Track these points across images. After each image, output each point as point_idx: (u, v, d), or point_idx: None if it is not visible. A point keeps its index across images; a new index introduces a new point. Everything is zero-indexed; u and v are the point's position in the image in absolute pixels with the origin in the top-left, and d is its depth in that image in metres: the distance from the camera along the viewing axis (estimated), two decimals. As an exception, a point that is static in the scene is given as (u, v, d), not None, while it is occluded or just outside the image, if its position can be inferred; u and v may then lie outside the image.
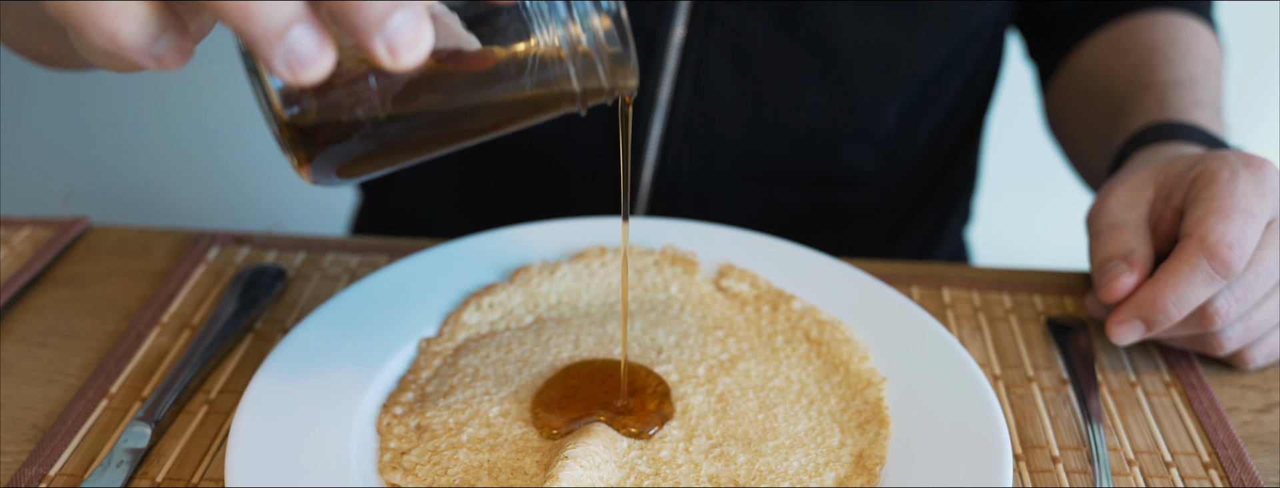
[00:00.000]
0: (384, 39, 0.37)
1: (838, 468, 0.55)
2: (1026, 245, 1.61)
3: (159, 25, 0.39)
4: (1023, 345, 0.66)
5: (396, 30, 0.37)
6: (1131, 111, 0.77)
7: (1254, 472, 0.57)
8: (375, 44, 0.38)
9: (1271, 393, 0.63)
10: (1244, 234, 0.58)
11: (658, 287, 0.67)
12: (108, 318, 0.69)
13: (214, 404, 0.62)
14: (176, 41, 0.40)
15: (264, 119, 0.44)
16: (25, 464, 0.57)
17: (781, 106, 0.83)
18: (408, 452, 0.56)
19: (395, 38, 0.37)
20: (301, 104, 0.42)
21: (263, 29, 0.37)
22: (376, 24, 0.37)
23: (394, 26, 0.37)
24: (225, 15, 0.37)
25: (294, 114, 0.42)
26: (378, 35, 0.37)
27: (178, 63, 0.40)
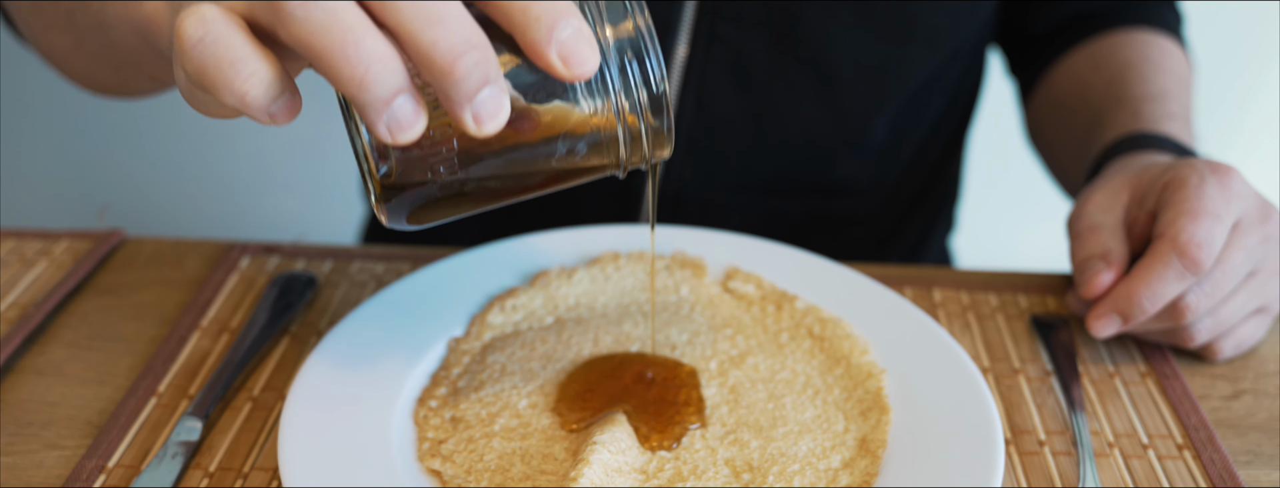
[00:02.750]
0: (472, 110, 0.43)
1: (843, 451, 0.60)
2: (1006, 252, 1.67)
3: (280, 88, 0.44)
4: (1009, 341, 0.71)
5: (483, 103, 0.43)
6: (1107, 123, 0.83)
7: (1224, 452, 0.62)
8: (464, 114, 0.43)
9: (1240, 382, 0.68)
10: (1212, 234, 0.63)
11: (669, 289, 0.72)
12: (149, 323, 0.73)
13: (258, 401, 0.66)
14: (290, 101, 0.45)
15: (357, 163, 0.50)
16: (84, 458, 0.61)
17: (779, 121, 0.88)
18: (444, 441, 0.60)
19: (481, 109, 0.43)
20: (390, 158, 0.48)
21: (372, 98, 0.42)
22: (468, 97, 0.43)
23: (481, 99, 0.43)
24: (342, 84, 0.42)
25: (383, 168, 0.48)
26: (468, 107, 0.43)
27: (288, 119, 0.46)
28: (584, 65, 0.44)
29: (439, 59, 0.42)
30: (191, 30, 0.44)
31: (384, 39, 0.43)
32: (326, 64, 0.42)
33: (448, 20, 0.42)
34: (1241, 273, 0.65)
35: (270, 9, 0.43)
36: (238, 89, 0.44)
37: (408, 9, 0.42)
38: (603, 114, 0.49)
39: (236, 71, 0.43)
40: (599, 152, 0.50)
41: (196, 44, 0.44)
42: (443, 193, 0.50)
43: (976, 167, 1.20)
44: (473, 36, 0.42)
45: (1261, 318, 0.69)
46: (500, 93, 0.44)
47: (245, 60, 0.44)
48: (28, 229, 0.82)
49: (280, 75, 0.44)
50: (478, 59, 0.42)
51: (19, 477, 0.60)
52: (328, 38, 0.42)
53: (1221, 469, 0.60)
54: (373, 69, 0.42)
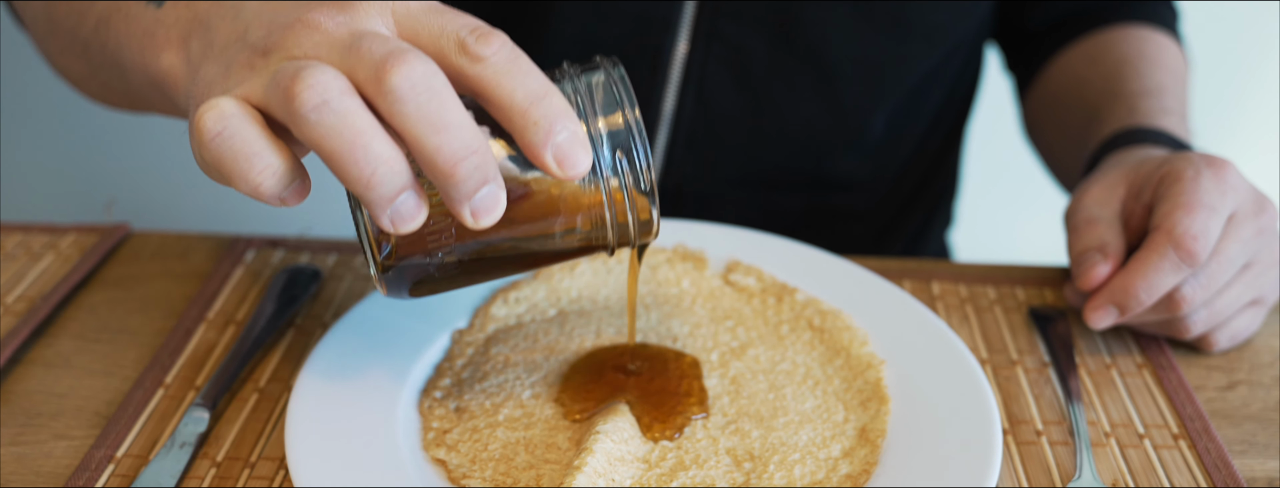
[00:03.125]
0: (470, 207, 0.46)
1: (843, 440, 0.60)
2: (1004, 247, 1.68)
3: (291, 177, 0.48)
4: (1007, 332, 0.72)
5: (480, 200, 0.46)
6: (1104, 118, 0.83)
7: (1219, 442, 0.62)
8: (463, 210, 0.47)
9: (1235, 373, 0.69)
10: (1207, 227, 0.64)
11: (670, 281, 0.73)
12: (155, 316, 0.73)
13: (264, 392, 0.66)
14: (300, 186, 0.48)
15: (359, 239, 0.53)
16: (93, 448, 0.62)
17: (778, 117, 0.89)
18: (449, 431, 0.61)
19: (479, 206, 0.46)
20: (391, 243, 0.51)
21: (378, 197, 0.46)
22: (467, 197, 0.46)
23: (479, 198, 0.46)
24: (349, 183, 0.46)
25: (386, 247, 0.52)
26: (466, 204, 0.46)
27: (298, 202, 0.49)
28: (577, 168, 0.47)
29: (442, 163, 0.45)
30: (211, 125, 0.46)
31: (390, 141, 0.45)
32: (335, 164, 0.45)
33: (451, 127, 0.45)
34: (1237, 265, 0.66)
35: (285, 108, 0.45)
36: (252, 182, 0.47)
37: (414, 116, 0.45)
38: (592, 204, 0.52)
39: (251, 166, 0.46)
40: (589, 236, 0.54)
41: (214, 138, 0.46)
42: (440, 273, 0.53)
43: (974, 162, 1.21)
44: (472, 142, 0.45)
45: (1257, 310, 0.70)
46: (497, 190, 0.47)
47: (260, 155, 0.46)
48: (34, 223, 0.83)
49: (292, 166, 0.47)
50: (477, 163, 0.45)
51: (28, 467, 0.61)
52: (338, 141, 0.45)
53: (1216, 459, 0.61)
54: (379, 171, 0.45)
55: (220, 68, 0.51)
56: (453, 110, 0.45)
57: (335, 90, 0.45)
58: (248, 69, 0.49)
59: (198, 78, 0.53)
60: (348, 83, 0.45)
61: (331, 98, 0.44)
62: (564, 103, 0.47)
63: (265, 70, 0.48)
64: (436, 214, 0.50)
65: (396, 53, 0.45)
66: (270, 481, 0.60)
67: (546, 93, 0.47)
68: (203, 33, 0.54)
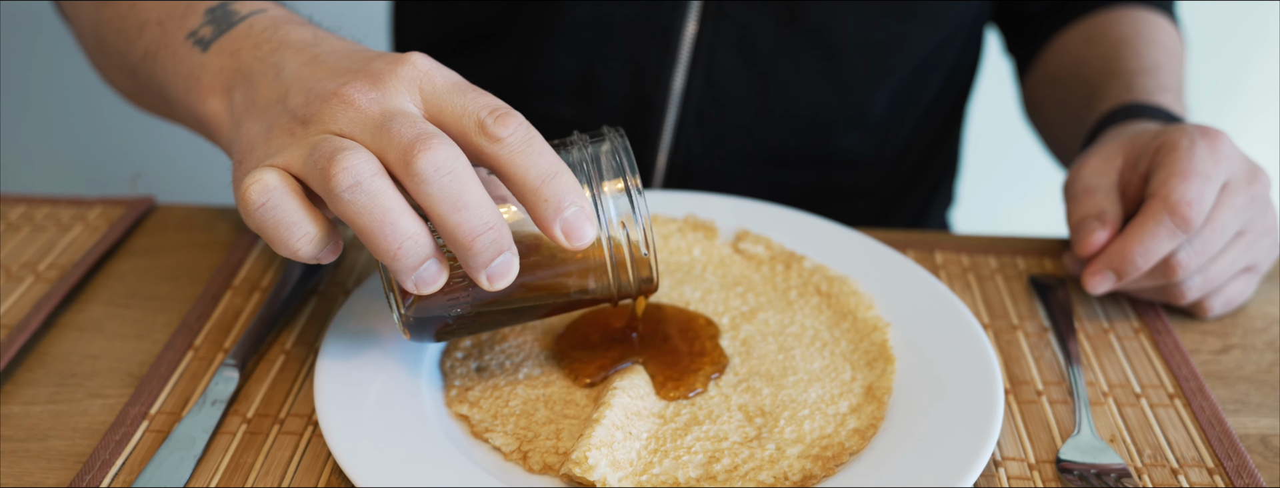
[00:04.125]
0: (486, 273, 0.52)
1: (851, 398, 0.63)
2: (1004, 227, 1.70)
3: (325, 240, 0.53)
4: (1008, 300, 0.74)
5: (496, 267, 0.52)
6: (1102, 96, 0.86)
7: (1213, 400, 0.65)
8: (480, 277, 0.52)
9: (1229, 337, 0.71)
10: (1201, 194, 0.66)
11: (682, 250, 0.75)
12: (183, 283, 0.76)
13: (290, 354, 0.69)
14: (334, 247, 0.54)
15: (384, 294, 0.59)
16: (128, 404, 0.64)
17: (784, 95, 0.91)
18: (471, 389, 0.63)
19: (494, 272, 0.52)
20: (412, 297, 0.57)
21: (404, 266, 0.52)
22: (484, 266, 0.52)
23: (495, 266, 0.52)
24: (378, 254, 0.51)
25: (408, 303, 0.57)
26: (484, 271, 0.52)
27: (331, 260, 0.55)
28: (583, 240, 0.52)
29: (461, 238, 0.51)
30: (255, 197, 0.52)
31: (415, 218, 0.51)
32: (365, 238, 0.51)
33: (470, 206, 0.50)
34: (1230, 232, 0.68)
35: (322, 185, 0.51)
36: (291, 247, 0.53)
37: (438, 197, 0.50)
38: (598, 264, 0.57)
39: (291, 234, 0.52)
40: (595, 291, 0.59)
41: (258, 209, 0.52)
42: (458, 323, 0.59)
43: (975, 144, 1.23)
44: (489, 218, 0.51)
45: (1250, 277, 0.72)
46: (511, 258, 0.52)
47: (298, 224, 0.52)
48: (62, 196, 0.85)
49: (326, 231, 0.53)
50: (492, 237, 0.51)
51: (65, 423, 0.63)
52: (368, 218, 0.50)
53: (1211, 416, 0.64)
54: (405, 245, 0.51)
55: (262, 127, 0.56)
56: (471, 191, 0.50)
57: (367, 173, 0.50)
58: (288, 135, 0.54)
59: (241, 132, 0.58)
60: (378, 165, 0.50)
61: (363, 179, 0.50)
62: (572, 180, 0.52)
63: (304, 140, 0.53)
64: (456, 276, 0.55)
65: (422, 138, 0.50)
66: (299, 435, 0.62)
67: (556, 172, 0.52)
68: (246, 87, 0.60)
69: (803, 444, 0.59)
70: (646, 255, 0.58)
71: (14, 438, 0.62)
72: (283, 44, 0.60)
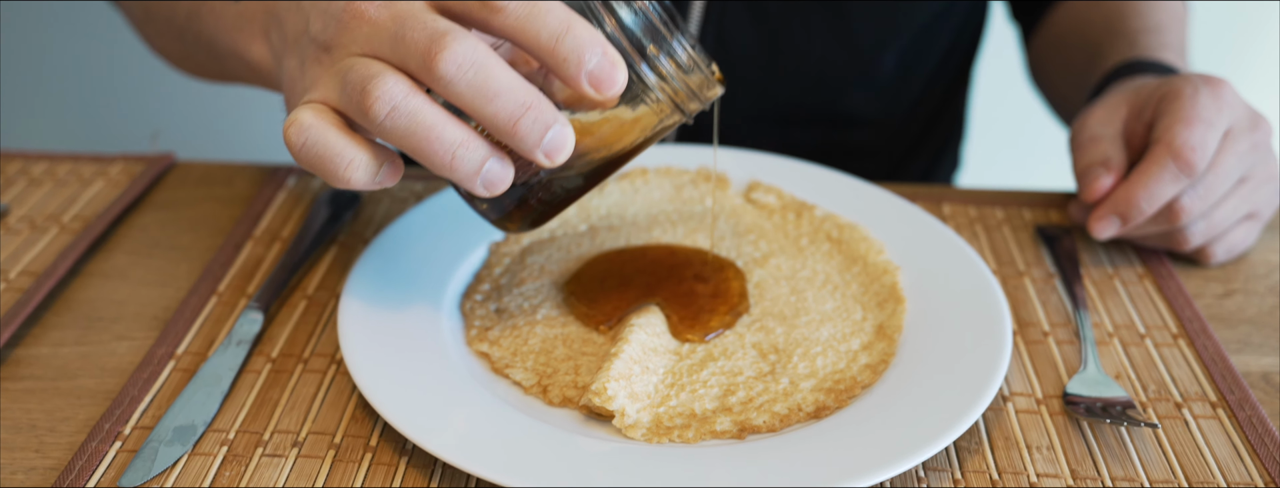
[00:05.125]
0: (542, 151, 0.51)
1: (862, 336, 0.64)
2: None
3: (378, 163, 0.53)
4: (1015, 248, 0.76)
5: (549, 143, 0.51)
6: (1106, 54, 0.87)
7: (1216, 340, 0.66)
8: (537, 157, 0.51)
9: (1231, 282, 0.73)
10: (1205, 139, 0.67)
11: (695, 200, 0.77)
12: (204, 234, 0.77)
13: (312, 299, 0.70)
14: (391, 168, 0.54)
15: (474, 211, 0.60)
16: (155, 346, 0.66)
17: (794, 54, 0.93)
18: (491, 328, 0.65)
19: (549, 148, 0.51)
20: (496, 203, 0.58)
21: (464, 175, 0.51)
22: (535, 145, 0.51)
23: (547, 141, 0.51)
24: (435, 169, 0.51)
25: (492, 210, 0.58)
26: (538, 150, 0.51)
27: (394, 182, 0.55)
28: (614, 86, 0.51)
29: (503, 126, 0.50)
30: (294, 138, 0.52)
31: (459, 124, 0.51)
32: (418, 156, 0.51)
33: (501, 93, 0.50)
34: (1233, 177, 0.69)
35: (362, 117, 0.51)
36: (342, 177, 0.53)
37: (467, 93, 0.50)
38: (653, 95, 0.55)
39: (337, 164, 0.52)
40: (662, 121, 0.57)
41: (301, 148, 0.52)
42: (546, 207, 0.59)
43: (981, 111, 1.24)
44: (524, 98, 0.50)
45: (1252, 224, 0.73)
46: (561, 129, 0.51)
47: (342, 153, 0.52)
48: (83, 153, 0.86)
49: (375, 155, 0.53)
50: (534, 117, 0.50)
51: (94, 363, 0.65)
52: (414, 138, 0.50)
53: (1213, 355, 0.65)
54: (458, 154, 0.51)
55: (297, 62, 0.58)
56: (498, 77, 0.50)
57: (400, 95, 0.50)
58: (318, 65, 0.55)
59: (283, 70, 0.60)
60: (408, 83, 0.50)
61: (398, 102, 0.50)
62: (585, 31, 0.50)
63: (333, 70, 0.53)
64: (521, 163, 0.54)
65: (435, 38, 0.49)
66: (323, 374, 0.64)
67: (567, 27, 0.50)
68: (277, 26, 0.61)
69: (816, 379, 0.61)
70: (690, 63, 0.55)
71: (44, 377, 0.64)
72: None
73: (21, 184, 0.82)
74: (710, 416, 0.58)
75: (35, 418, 0.61)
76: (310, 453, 0.58)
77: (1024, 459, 0.58)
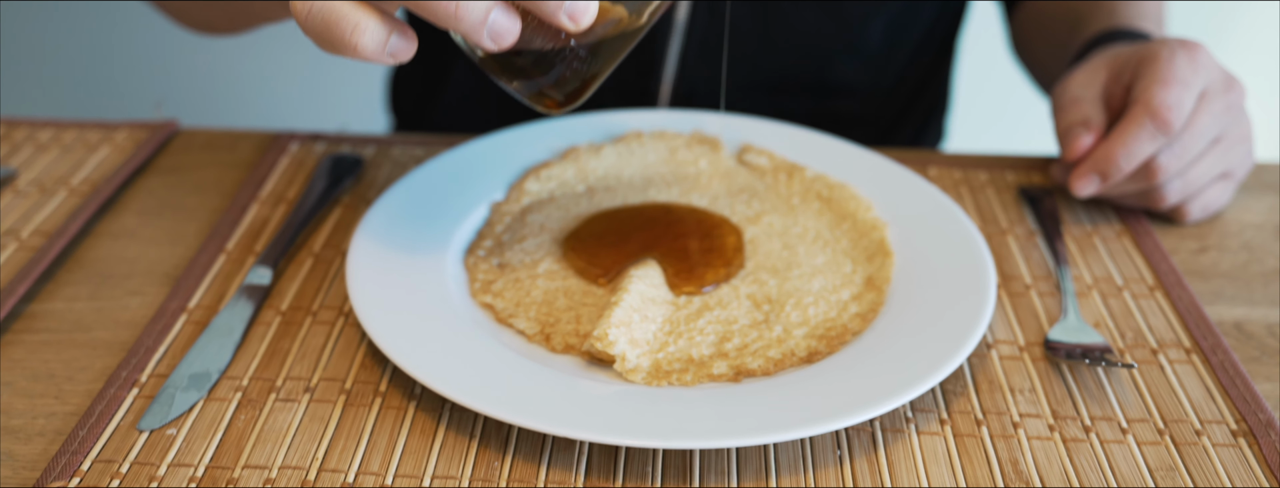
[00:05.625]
0: (566, 12, 0.51)
1: (852, 287, 0.67)
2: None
3: (386, 30, 0.52)
4: (998, 208, 0.78)
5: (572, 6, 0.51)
6: (1086, 23, 0.89)
7: (1191, 291, 0.69)
8: (562, 20, 0.52)
9: (1206, 239, 0.76)
10: (1181, 99, 0.70)
11: (689, 162, 0.79)
12: (211, 196, 0.79)
13: (319, 257, 0.72)
14: (402, 39, 0.53)
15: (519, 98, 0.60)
16: (166, 300, 0.68)
17: (784, 24, 0.95)
18: (494, 281, 0.67)
19: (573, 10, 0.51)
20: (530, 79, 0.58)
21: (470, 25, 0.51)
22: (557, 8, 0.51)
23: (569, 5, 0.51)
24: (442, 21, 0.51)
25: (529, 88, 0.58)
26: (562, 13, 0.51)
27: (408, 55, 0.53)
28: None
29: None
30: (301, 7, 0.52)
31: None
32: (425, 12, 0.51)
33: None
34: (1208, 137, 0.72)
35: None
36: (350, 42, 0.52)
37: None
38: None
39: (344, 29, 0.52)
40: None
41: (308, 15, 0.52)
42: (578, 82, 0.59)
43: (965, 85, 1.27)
44: None
45: (1226, 183, 0.76)
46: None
47: (347, 17, 0.52)
48: (88, 120, 0.88)
49: (383, 20, 0.52)
50: None
51: (108, 317, 0.67)
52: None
53: (1188, 305, 0.68)
54: (463, 4, 0.50)
55: None
56: None
57: None
58: None
59: None
60: None
61: None
62: None
63: None
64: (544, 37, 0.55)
65: None
66: (331, 325, 0.66)
67: None
68: None
69: (808, 327, 0.63)
70: None
71: (60, 330, 0.66)
72: None
73: (29, 150, 0.84)
74: (707, 360, 0.60)
75: (53, 368, 0.63)
76: (322, 398, 0.60)
77: (1007, 401, 0.60)
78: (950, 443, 0.58)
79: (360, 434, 0.58)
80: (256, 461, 0.56)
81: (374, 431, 0.58)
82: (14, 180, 0.80)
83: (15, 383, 0.61)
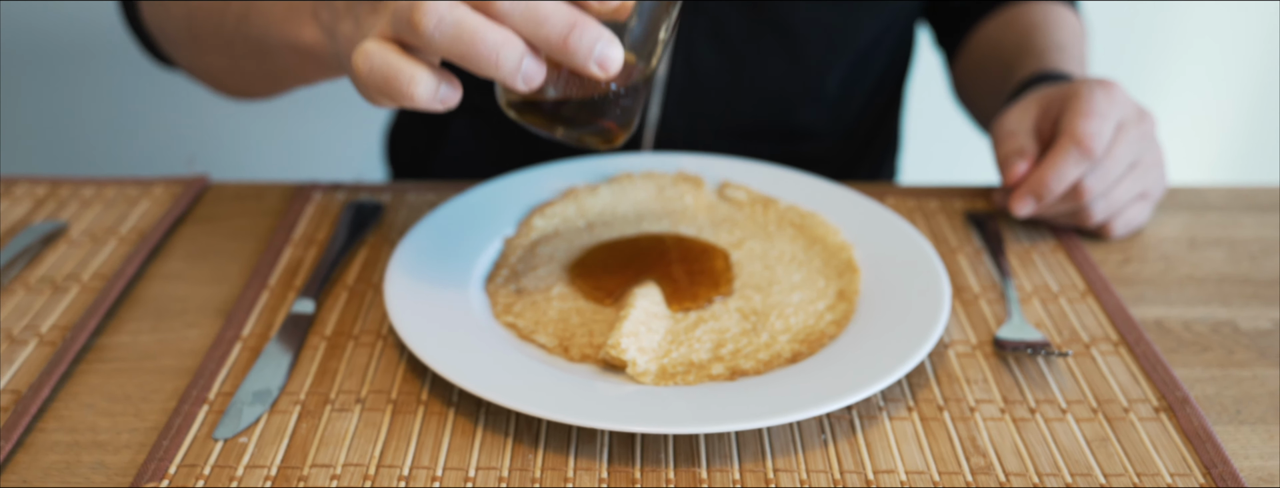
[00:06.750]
0: (595, 61, 0.59)
1: (826, 299, 0.77)
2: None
3: (437, 81, 0.61)
4: (948, 230, 0.89)
5: (600, 56, 0.59)
6: (1019, 69, 1.01)
7: (1117, 295, 0.80)
8: (591, 68, 0.59)
9: (1129, 252, 0.87)
10: (1101, 129, 0.81)
11: (676, 198, 0.89)
12: (247, 241, 0.88)
13: (353, 290, 0.81)
14: (451, 88, 0.61)
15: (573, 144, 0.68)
16: (222, 330, 0.76)
17: (752, 76, 1.06)
18: (514, 304, 0.76)
19: (602, 60, 0.59)
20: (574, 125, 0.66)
21: (506, 73, 0.59)
22: (587, 59, 0.59)
23: (597, 55, 0.59)
24: (482, 70, 0.59)
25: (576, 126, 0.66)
26: (591, 63, 0.59)
27: (455, 100, 0.61)
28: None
29: (555, 44, 0.58)
30: (360, 64, 0.61)
31: (500, 28, 0.58)
32: (468, 62, 0.59)
33: (550, 17, 0.58)
34: (1126, 161, 0.83)
35: (414, 36, 0.60)
36: (408, 92, 0.60)
37: (518, 18, 0.58)
38: None
39: (401, 80, 0.60)
40: None
41: (367, 73, 0.61)
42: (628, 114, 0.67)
43: (913, 131, 1.39)
44: (569, 17, 0.58)
45: (1144, 203, 0.87)
46: (609, 41, 0.58)
47: (402, 69, 0.60)
48: (127, 177, 0.97)
49: (434, 72, 0.61)
50: (579, 33, 0.58)
51: (171, 346, 0.75)
52: (461, 44, 0.58)
53: (1114, 306, 0.78)
54: (502, 51, 0.58)
55: (351, 23, 0.68)
56: (546, 4, 0.58)
57: (444, 8, 0.59)
58: (372, 14, 0.65)
59: (337, 38, 0.70)
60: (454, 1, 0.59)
61: (444, 14, 0.59)
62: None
63: (386, 12, 0.63)
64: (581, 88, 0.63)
65: None
66: (372, 347, 0.75)
67: None
68: (326, 6, 0.72)
69: (791, 333, 0.73)
70: None
71: (129, 359, 0.74)
72: None
73: (75, 205, 0.92)
74: (706, 364, 0.70)
75: (128, 391, 0.71)
76: (372, 407, 0.69)
77: (963, 390, 0.70)
78: (918, 426, 0.68)
79: (410, 436, 0.67)
80: (322, 461, 0.65)
81: (421, 432, 0.67)
82: (66, 232, 0.88)
83: (96, 404, 0.70)
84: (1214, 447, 0.65)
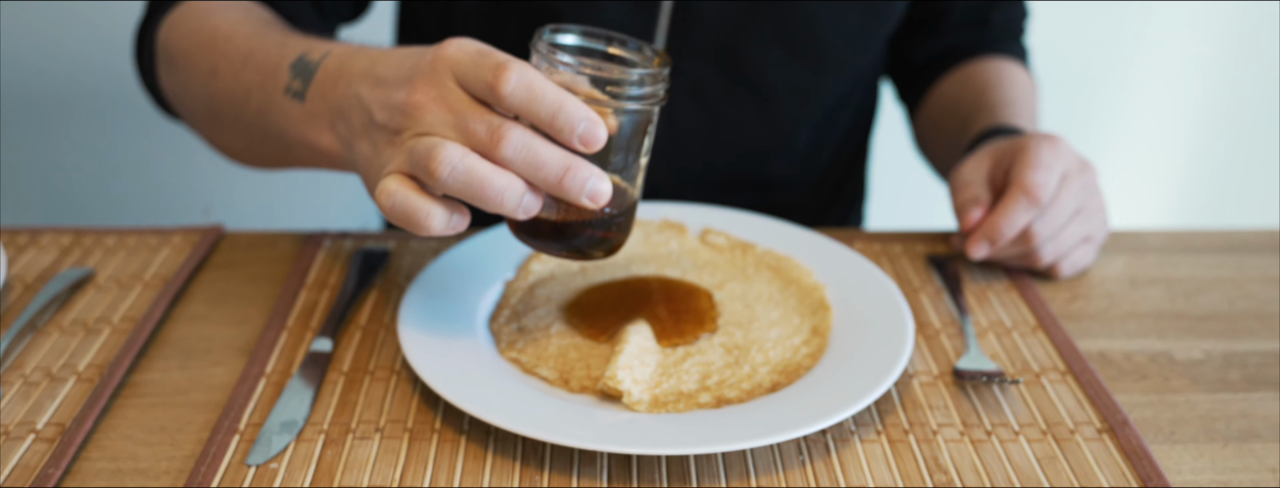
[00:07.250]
0: (586, 195, 0.69)
1: (801, 335, 0.84)
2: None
3: (449, 214, 0.70)
4: (911, 272, 0.97)
5: (591, 191, 0.69)
6: (974, 123, 1.10)
7: (1065, 330, 0.88)
8: (583, 202, 0.69)
9: (1075, 291, 0.95)
10: (1047, 179, 0.89)
11: (661, 243, 0.97)
12: (264, 286, 0.95)
13: (366, 330, 0.88)
14: (460, 217, 0.71)
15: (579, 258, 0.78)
16: (247, 367, 0.83)
17: (729, 132, 1.14)
18: (517, 342, 0.84)
19: (593, 194, 0.69)
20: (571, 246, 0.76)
21: (510, 210, 0.69)
22: (579, 195, 0.68)
23: (588, 191, 0.68)
24: (488, 208, 0.68)
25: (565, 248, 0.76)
26: (583, 197, 0.69)
27: (463, 227, 0.71)
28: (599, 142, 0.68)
29: (551, 184, 0.68)
30: (385, 201, 0.70)
31: (504, 173, 0.67)
32: (474, 202, 0.68)
33: (548, 163, 0.67)
34: (1071, 208, 0.91)
35: (429, 178, 0.68)
36: (424, 227, 0.69)
37: (522, 166, 0.67)
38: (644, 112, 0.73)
39: (419, 219, 0.69)
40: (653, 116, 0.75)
41: (391, 209, 0.70)
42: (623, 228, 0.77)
43: (878, 179, 1.48)
44: (564, 162, 0.67)
45: (1089, 245, 0.96)
46: (599, 178, 0.68)
47: (421, 207, 0.69)
48: (146, 227, 1.03)
49: (447, 206, 0.70)
50: (572, 175, 0.67)
51: (199, 382, 0.81)
52: (471, 190, 0.68)
53: (1062, 340, 0.86)
54: (505, 194, 0.68)
55: (370, 146, 0.75)
56: (542, 153, 0.67)
57: (457, 157, 0.67)
58: (390, 145, 0.72)
59: (356, 154, 0.77)
60: (464, 148, 0.68)
61: (456, 163, 0.67)
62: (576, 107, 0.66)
63: (403, 146, 0.71)
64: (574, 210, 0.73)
65: (495, 129, 0.66)
66: (387, 382, 0.81)
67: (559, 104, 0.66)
68: (343, 120, 0.78)
69: (770, 365, 0.80)
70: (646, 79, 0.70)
71: (161, 394, 0.80)
72: (351, 77, 0.78)
73: (99, 253, 0.99)
74: (694, 393, 0.77)
75: (163, 423, 0.77)
76: (391, 436, 0.76)
77: (927, 415, 0.78)
78: (886, 447, 0.75)
79: (426, 461, 0.73)
80: (348, 483, 0.71)
81: (436, 457, 0.74)
82: (94, 278, 0.95)
83: (134, 435, 0.76)
84: (1150, 464, 0.73)
